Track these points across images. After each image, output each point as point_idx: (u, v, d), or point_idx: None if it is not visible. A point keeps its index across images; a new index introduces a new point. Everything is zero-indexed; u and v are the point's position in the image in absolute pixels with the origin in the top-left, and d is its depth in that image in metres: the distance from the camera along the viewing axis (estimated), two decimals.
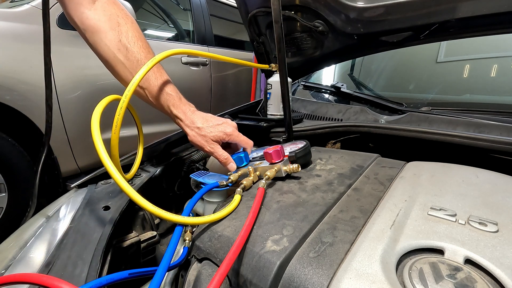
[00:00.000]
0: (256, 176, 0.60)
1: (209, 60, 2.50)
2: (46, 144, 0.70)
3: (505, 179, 0.53)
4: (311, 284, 0.34)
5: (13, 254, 0.50)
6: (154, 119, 1.99)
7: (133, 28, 0.64)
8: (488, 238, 0.37)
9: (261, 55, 1.22)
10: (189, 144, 0.90)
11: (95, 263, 0.43)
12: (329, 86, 1.20)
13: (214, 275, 0.32)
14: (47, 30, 0.74)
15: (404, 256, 0.37)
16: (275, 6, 0.69)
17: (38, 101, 1.49)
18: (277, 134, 0.98)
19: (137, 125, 0.70)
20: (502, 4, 0.71)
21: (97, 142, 0.44)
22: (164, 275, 0.36)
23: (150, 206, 0.42)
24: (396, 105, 0.94)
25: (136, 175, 0.73)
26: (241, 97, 2.97)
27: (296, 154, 0.61)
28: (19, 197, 1.54)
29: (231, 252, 0.36)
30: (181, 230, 0.43)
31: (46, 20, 0.73)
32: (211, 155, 0.67)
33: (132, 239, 0.58)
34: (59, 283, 0.29)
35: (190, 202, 0.50)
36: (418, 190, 0.50)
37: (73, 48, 1.64)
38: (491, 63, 1.01)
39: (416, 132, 0.75)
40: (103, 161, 0.44)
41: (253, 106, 1.23)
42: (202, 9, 2.58)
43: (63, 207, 0.61)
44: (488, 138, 0.66)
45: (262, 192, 0.50)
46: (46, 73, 0.75)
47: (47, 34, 0.73)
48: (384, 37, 0.94)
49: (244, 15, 1.11)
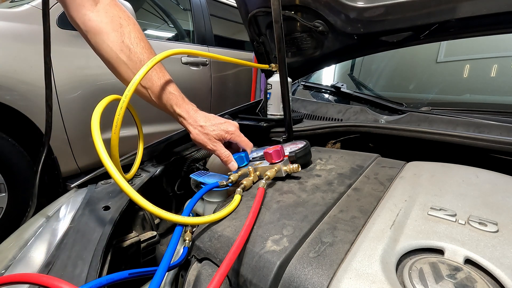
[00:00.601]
0: (256, 176, 0.60)
1: (209, 60, 2.50)
2: (46, 144, 0.70)
3: (505, 179, 0.53)
4: (311, 284, 0.34)
5: (13, 254, 0.50)
6: (154, 119, 1.99)
7: (135, 30, 0.64)
8: (488, 238, 0.37)
9: (261, 55, 1.22)
10: (189, 144, 0.90)
11: (95, 263, 0.43)
12: (329, 86, 1.20)
13: (214, 275, 0.32)
14: (47, 30, 0.74)
15: (404, 256, 0.37)
16: (275, 6, 0.69)
17: (38, 101, 1.49)
18: (277, 134, 0.98)
19: (137, 125, 0.70)
20: (502, 4, 0.71)
21: (97, 142, 0.44)
22: (164, 275, 0.36)
23: (150, 206, 0.42)
24: (396, 105, 0.94)
25: (136, 175, 0.73)
26: (241, 97, 2.97)
27: (296, 154, 0.61)
28: (19, 197, 1.54)
29: (231, 252, 0.36)
30: (181, 230, 0.43)
31: (46, 20, 0.74)
32: (213, 153, 0.68)
33: (132, 239, 0.58)
34: (59, 283, 0.29)
35: (190, 202, 0.50)
36: (418, 190, 0.50)
37: (73, 48, 1.64)
38: (491, 63, 1.01)
39: (416, 132, 0.75)
40: (103, 161, 0.44)
41: (253, 106, 1.23)
42: (202, 9, 2.58)
43: (63, 207, 0.61)
44: (488, 138, 0.66)
45: (262, 192, 0.50)
46: (46, 73, 0.75)
47: (47, 34, 0.74)
48: (384, 37, 0.94)
49: (244, 15, 1.11)
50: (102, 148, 0.44)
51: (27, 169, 1.55)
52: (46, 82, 0.75)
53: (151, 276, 0.36)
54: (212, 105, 2.62)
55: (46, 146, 0.72)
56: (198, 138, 0.67)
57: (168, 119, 0.71)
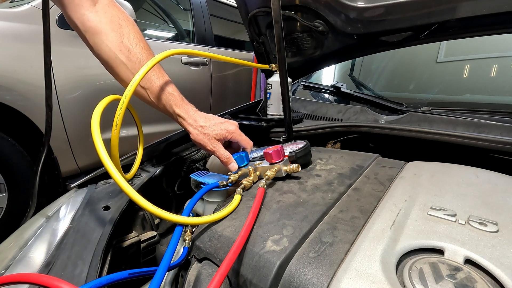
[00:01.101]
0: (256, 176, 0.60)
1: (209, 60, 2.50)
2: (46, 144, 0.70)
3: (505, 179, 0.53)
4: (311, 284, 0.34)
5: (13, 254, 0.50)
6: (154, 119, 1.99)
7: (134, 30, 0.64)
8: (488, 238, 0.37)
9: (261, 55, 1.22)
10: (189, 144, 0.90)
11: (95, 263, 0.43)
12: (329, 86, 1.20)
13: (214, 275, 0.32)
14: (47, 30, 0.74)
15: (404, 256, 0.37)
16: (275, 6, 0.69)
17: (38, 101, 1.49)
18: (277, 134, 0.98)
19: (137, 125, 0.70)
20: (502, 4, 0.71)
21: (97, 142, 0.44)
22: (164, 275, 0.36)
23: (150, 206, 0.42)
24: (396, 105, 0.94)
25: (136, 175, 0.73)
26: (241, 97, 2.97)
27: (296, 154, 0.61)
28: (19, 197, 1.54)
29: (231, 252, 0.36)
30: (181, 230, 0.43)
31: (46, 20, 0.73)
32: (213, 154, 0.67)
33: (132, 239, 0.58)
34: (59, 283, 0.29)
35: (190, 202, 0.50)
36: (418, 190, 0.50)
37: (73, 48, 1.64)
38: (491, 63, 1.01)
39: (416, 132, 0.75)
40: (103, 161, 0.44)
41: (253, 106, 1.23)
42: (202, 9, 2.58)
43: (63, 207, 0.61)
44: (488, 138, 0.66)
45: (262, 192, 0.50)
46: (46, 73, 0.74)
47: (47, 35, 0.73)
48: (384, 37, 0.94)
49: (244, 15, 1.11)
50: (102, 148, 0.44)
51: (27, 169, 1.55)
52: (46, 82, 0.75)
53: (151, 276, 0.36)
54: (212, 105, 2.62)
55: (46, 146, 0.71)
56: (198, 139, 0.67)
57: (168, 119, 0.70)
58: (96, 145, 0.44)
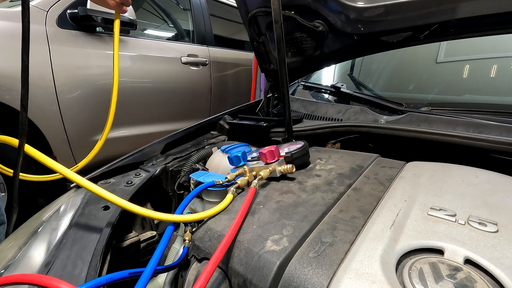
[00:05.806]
0: (252, 176, 0.60)
1: (209, 60, 2.50)
2: (22, 148, 0.66)
3: (505, 179, 0.53)
4: (311, 284, 0.34)
5: (13, 254, 0.49)
6: (154, 119, 1.99)
7: None
8: (488, 238, 0.37)
9: (261, 55, 1.22)
10: (189, 144, 0.90)
11: (95, 263, 0.43)
12: (329, 86, 1.20)
13: (204, 268, 0.32)
14: (26, 25, 0.68)
15: (404, 256, 0.37)
16: (275, 6, 0.69)
17: (38, 101, 1.49)
18: (277, 134, 0.98)
19: None
20: (502, 4, 0.71)
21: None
22: (150, 277, 0.36)
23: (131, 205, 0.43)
24: (396, 105, 0.94)
25: (136, 174, 0.72)
26: (241, 97, 2.96)
27: (292, 154, 0.61)
28: (19, 197, 1.53)
29: (218, 249, 0.36)
30: (172, 229, 0.44)
31: (25, 15, 0.68)
32: None
33: (132, 239, 0.58)
34: (58, 283, 0.29)
35: (184, 201, 0.51)
36: (418, 190, 0.50)
37: (73, 48, 1.64)
38: (491, 63, 1.01)
39: (416, 132, 0.75)
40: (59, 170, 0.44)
41: (253, 106, 1.23)
42: (202, 9, 2.58)
43: (62, 207, 0.61)
44: (488, 138, 0.66)
45: (253, 191, 0.51)
46: (23, 70, 0.70)
47: (26, 30, 0.68)
48: (384, 37, 0.94)
49: (244, 15, 1.11)
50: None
51: (27, 169, 1.55)
52: (23, 80, 0.70)
53: (151, 275, 0.36)
54: (212, 105, 2.61)
55: (22, 150, 0.67)
56: None
57: (168, 119, 0.70)
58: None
